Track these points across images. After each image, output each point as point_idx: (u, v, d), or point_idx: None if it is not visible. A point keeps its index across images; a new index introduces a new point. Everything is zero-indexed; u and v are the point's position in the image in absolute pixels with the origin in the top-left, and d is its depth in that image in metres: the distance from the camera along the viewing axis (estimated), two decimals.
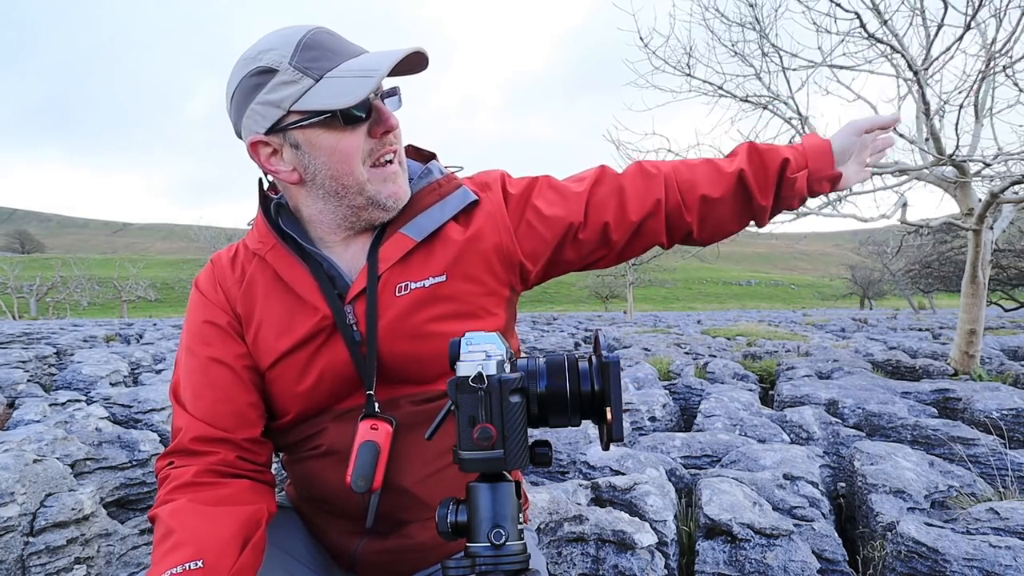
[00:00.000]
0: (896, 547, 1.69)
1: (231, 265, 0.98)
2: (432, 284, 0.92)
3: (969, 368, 5.10)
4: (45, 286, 41.02)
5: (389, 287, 0.91)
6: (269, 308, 0.93)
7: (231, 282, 0.96)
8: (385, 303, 0.91)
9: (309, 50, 0.82)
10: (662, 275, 35.72)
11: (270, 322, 0.92)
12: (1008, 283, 19.59)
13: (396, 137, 0.90)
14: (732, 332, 10.46)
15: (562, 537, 1.75)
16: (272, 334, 0.92)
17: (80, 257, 67.91)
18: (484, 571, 0.57)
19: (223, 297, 0.96)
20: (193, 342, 0.94)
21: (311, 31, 0.84)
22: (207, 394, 0.90)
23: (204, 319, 0.95)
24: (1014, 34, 4.13)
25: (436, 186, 0.98)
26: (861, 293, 51.02)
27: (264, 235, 0.95)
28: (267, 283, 0.94)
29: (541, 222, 0.98)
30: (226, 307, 0.95)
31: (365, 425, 0.89)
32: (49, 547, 1.75)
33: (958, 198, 5.31)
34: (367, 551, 0.95)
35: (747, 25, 5.38)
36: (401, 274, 0.92)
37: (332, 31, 0.86)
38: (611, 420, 0.60)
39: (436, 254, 0.94)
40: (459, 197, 0.97)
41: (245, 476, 0.89)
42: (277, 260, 0.93)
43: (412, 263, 0.93)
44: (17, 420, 2.89)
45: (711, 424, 3.14)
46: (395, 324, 0.91)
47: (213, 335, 0.94)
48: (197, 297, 0.98)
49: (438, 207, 0.96)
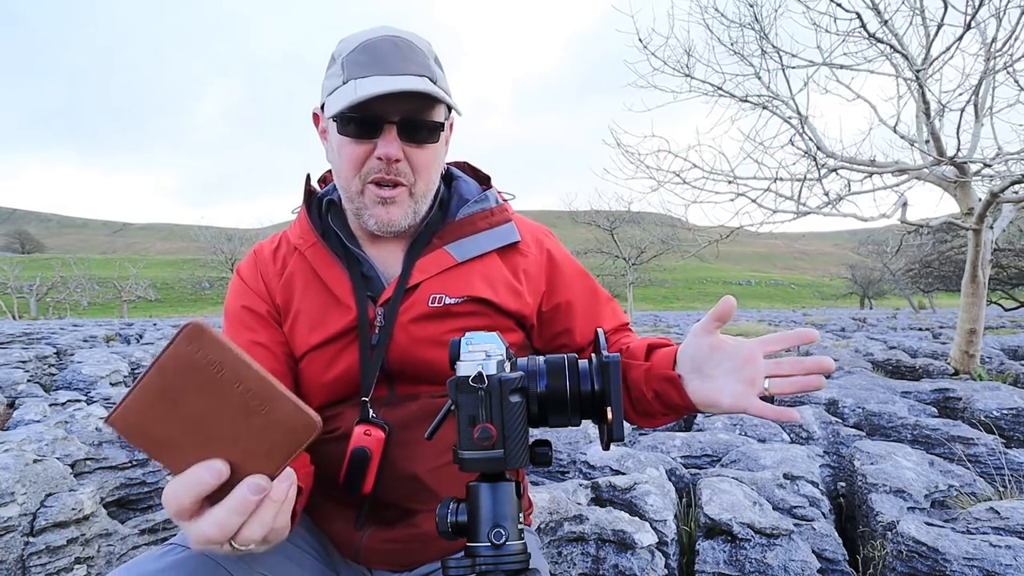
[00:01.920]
0: (896, 547, 1.69)
1: (273, 257, 1.02)
2: (465, 302, 0.95)
3: (969, 367, 5.10)
4: (45, 286, 41.01)
5: (424, 295, 0.94)
6: (306, 302, 0.96)
7: (272, 273, 1.00)
8: (417, 309, 0.94)
9: (361, 53, 0.86)
10: (662, 275, 35.70)
11: (305, 315, 0.96)
12: (1008, 283, 19.59)
13: (408, 168, 0.91)
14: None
15: (562, 537, 1.75)
16: (306, 327, 0.95)
17: (80, 257, 67.94)
18: (484, 571, 0.57)
19: (263, 287, 1.00)
20: (234, 326, 0.98)
21: (378, 37, 0.88)
22: None
23: (244, 304, 0.99)
24: (1014, 33, 4.13)
25: (489, 214, 1.02)
26: (861, 293, 51.03)
27: (305, 231, 1.00)
28: (306, 278, 0.98)
29: (561, 314, 1.04)
30: (266, 296, 0.99)
31: (360, 429, 0.91)
32: (49, 547, 1.75)
33: (958, 197, 5.31)
34: (373, 540, 0.96)
35: (746, 25, 5.39)
36: (438, 285, 0.95)
37: (401, 42, 0.88)
38: (611, 420, 0.60)
39: (475, 278, 0.97)
40: (506, 232, 1.01)
41: None
42: (316, 257, 0.97)
43: (449, 278, 0.96)
44: (17, 420, 2.89)
45: (711, 424, 3.14)
46: (423, 330, 0.93)
47: (253, 320, 0.98)
48: (238, 284, 1.02)
49: (485, 235, 1.00)
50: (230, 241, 46.17)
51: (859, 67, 5.45)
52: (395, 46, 0.87)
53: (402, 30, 0.92)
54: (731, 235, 6.31)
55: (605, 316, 1.08)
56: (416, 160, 0.91)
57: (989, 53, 4.28)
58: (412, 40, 0.90)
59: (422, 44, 0.91)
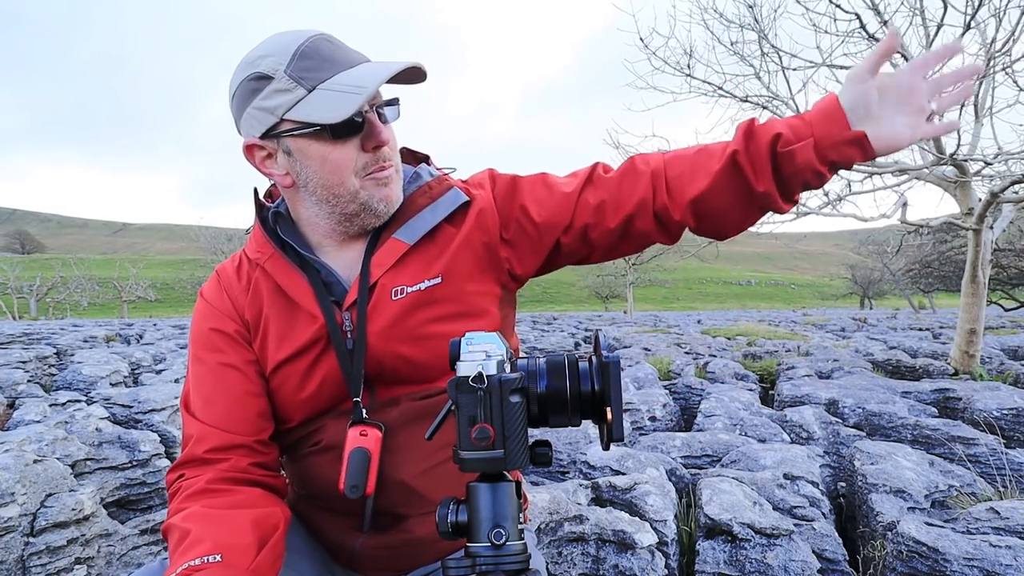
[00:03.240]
0: (896, 547, 1.69)
1: (236, 274, 0.99)
2: (428, 287, 0.92)
3: (969, 368, 5.10)
4: (45, 286, 41.02)
5: (385, 291, 0.92)
6: (272, 316, 0.94)
7: (238, 290, 0.97)
8: (382, 307, 0.91)
9: (305, 59, 0.82)
10: (662, 275, 35.71)
11: (273, 330, 0.93)
12: (1008, 283, 19.59)
13: (391, 149, 0.91)
14: (732, 332, 10.45)
15: (562, 537, 1.75)
16: (274, 343, 0.93)
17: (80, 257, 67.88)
18: (484, 571, 0.57)
19: (230, 305, 0.96)
20: (201, 350, 0.95)
21: (310, 38, 0.84)
22: (220, 400, 0.91)
23: (211, 327, 0.95)
24: (1014, 34, 4.14)
25: (427, 188, 0.98)
26: (861, 293, 51.01)
27: (262, 244, 0.96)
28: (270, 292, 0.95)
29: (529, 223, 0.96)
30: (233, 315, 0.96)
31: (355, 431, 0.90)
32: (49, 547, 1.75)
33: (958, 197, 5.31)
34: (367, 547, 0.96)
35: (746, 26, 5.39)
36: (396, 278, 0.92)
37: (332, 38, 0.86)
38: (611, 420, 0.60)
39: (431, 256, 0.94)
40: (451, 199, 0.97)
41: (258, 483, 0.90)
42: (276, 269, 0.94)
43: (407, 266, 0.93)
44: (17, 420, 2.89)
45: (711, 424, 3.14)
46: (392, 328, 0.91)
47: (222, 342, 0.94)
48: (203, 306, 0.98)
49: (429, 210, 0.96)
50: (230, 241, 46.15)
51: None
52: (331, 42, 0.85)
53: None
54: None
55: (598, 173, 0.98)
56: (393, 141, 0.92)
57: (989, 53, 4.28)
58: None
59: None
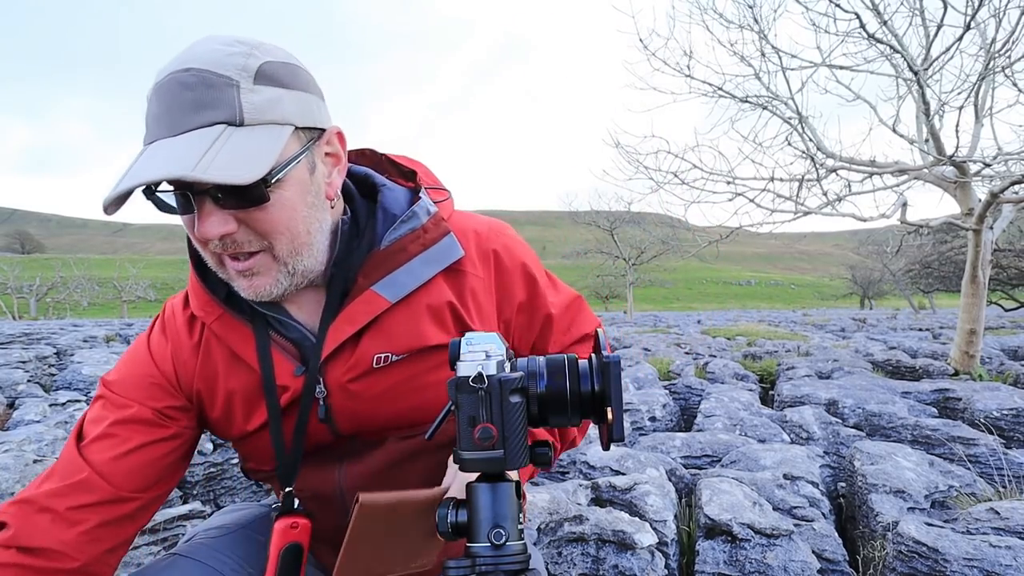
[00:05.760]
0: (896, 547, 1.69)
1: (188, 329, 0.84)
2: (419, 353, 0.82)
3: (969, 368, 5.10)
4: (45, 286, 41.01)
5: (365, 356, 0.80)
6: (233, 385, 0.82)
7: (187, 351, 0.83)
8: (361, 375, 0.81)
9: (152, 103, 0.67)
10: (662, 275, 35.71)
11: (238, 398, 0.83)
12: (1008, 283, 19.60)
13: (248, 236, 0.70)
14: (732, 332, 10.45)
15: (562, 537, 1.75)
16: (240, 412, 0.83)
17: (80, 257, 67.88)
18: (484, 571, 0.57)
19: (175, 377, 0.83)
20: (113, 401, 0.81)
21: (166, 79, 0.66)
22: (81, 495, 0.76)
23: (141, 386, 0.82)
24: (1014, 34, 4.14)
25: (422, 232, 0.82)
26: (861, 293, 51.02)
27: (204, 302, 0.81)
28: (225, 359, 0.82)
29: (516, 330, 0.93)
30: (177, 389, 0.83)
31: (283, 524, 0.82)
32: None
33: (958, 198, 5.31)
34: None
35: (746, 26, 5.39)
36: (380, 340, 0.80)
37: (189, 79, 0.65)
38: (612, 420, 0.60)
39: (423, 321, 0.82)
40: (445, 250, 0.83)
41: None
42: (227, 333, 0.81)
43: (391, 326, 0.81)
44: (17, 420, 2.89)
45: (711, 424, 3.14)
46: (373, 394, 0.82)
47: (148, 414, 0.81)
48: (145, 359, 0.84)
49: (420, 261, 0.81)
50: None
51: (859, 68, 5.46)
52: (183, 87, 0.65)
53: (209, 43, 0.68)
54: (731, 235, 6.30)
55: (555, 333, 0.94)
56: (258, 225, 0.69)
57: (989, 54, 4.28)
58: (209, 68, 0.65)
59: (228, 64, 0.66)
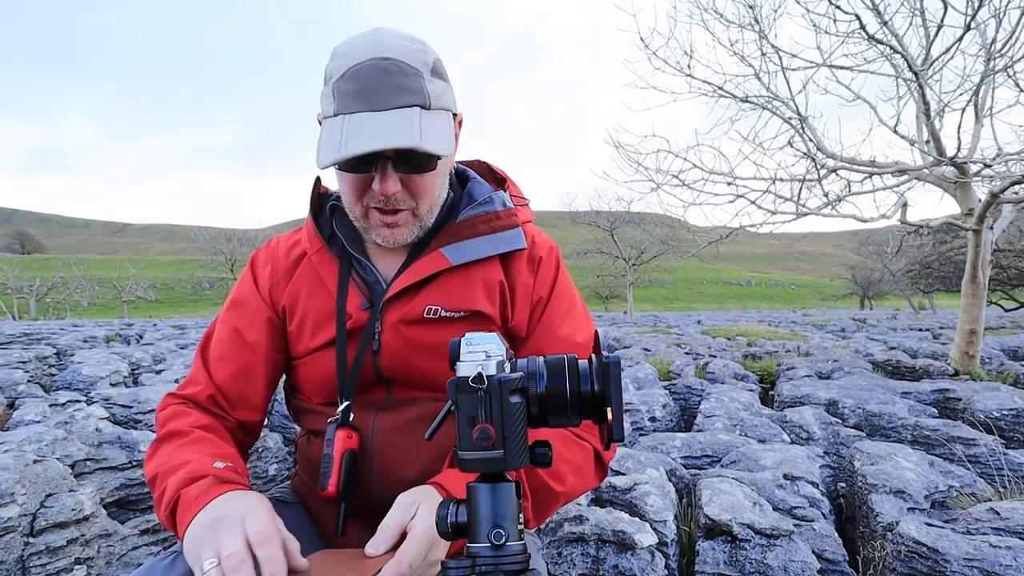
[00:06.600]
0: (896, 547, 1.69)
1: (287, 254, 1.03)
2: (463, 316, 0.93)
3: (969, 368, 5.10)
4: (45, 286, 41.00)
5: (419, 306, 0.93)
6: (311, 305, 0.98)
7: (282, 272, 1.02)
8: (412, 321, 0.93)
9: (349, 81, 0.82)
10: (662, 275, 35.73)
11: (311, 318, 0.98)
12: (1008, 283, 19.58)
13: (406, 196, 0.88)
14: (732, 332, 10.45)
15: (562, 537, 1.75)
16: (310, 330, 0.98)
17: (80, 257, 67.92)
18: (484, 571, 0.57)
19: (268, 290, 1.02)
20: (231, 309, 1.02)
21: (366, 61, 0.82)
22: (228, 366, 0.98)
23: (247, 299, 1.02)
24: (1014, 34, 4.14)
25: (493, 217, 0.97)
26: (861, 293, 51.01)
27: (311, 237, 1.01)
28: (311, 283, 0.99)
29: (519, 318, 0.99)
30: (269, 301, 1.01)
31: (342, 433, 0.92)
32: (49, 547, 1.75)
33: (958, 198, 5.31)
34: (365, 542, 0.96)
35: (746, 26, 5.39)
36: (435, 295, 0.93)
37: (391, 66, 0.82)
38: (612, 420, 0.60)
39: (476, 289, 0.94)
40: (511, 239, 0.96)
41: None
42: (321, 263, 0.99)
43: (448, 287, 0.94)
44: (17, 420, 2.89)
45: (711, 424, 3.14)
46: (414, 334, 0.93)
47: (251, 315, 1.00)
48: (248, 280, 1.04)
49: (487, 240, 0.95)
50: (229, 242, 46.16)
51: (859, 68, 5.46)
52: (384, 72, 0.81)
53: (394, 38, 0.84)
54: (731, 236, 6.30)
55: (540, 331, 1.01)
56: (416, 187, 0.88)
57: (989, 54, 4.28)
58: (404, 60, 0.82)
59: (416, 58, 0.84)
